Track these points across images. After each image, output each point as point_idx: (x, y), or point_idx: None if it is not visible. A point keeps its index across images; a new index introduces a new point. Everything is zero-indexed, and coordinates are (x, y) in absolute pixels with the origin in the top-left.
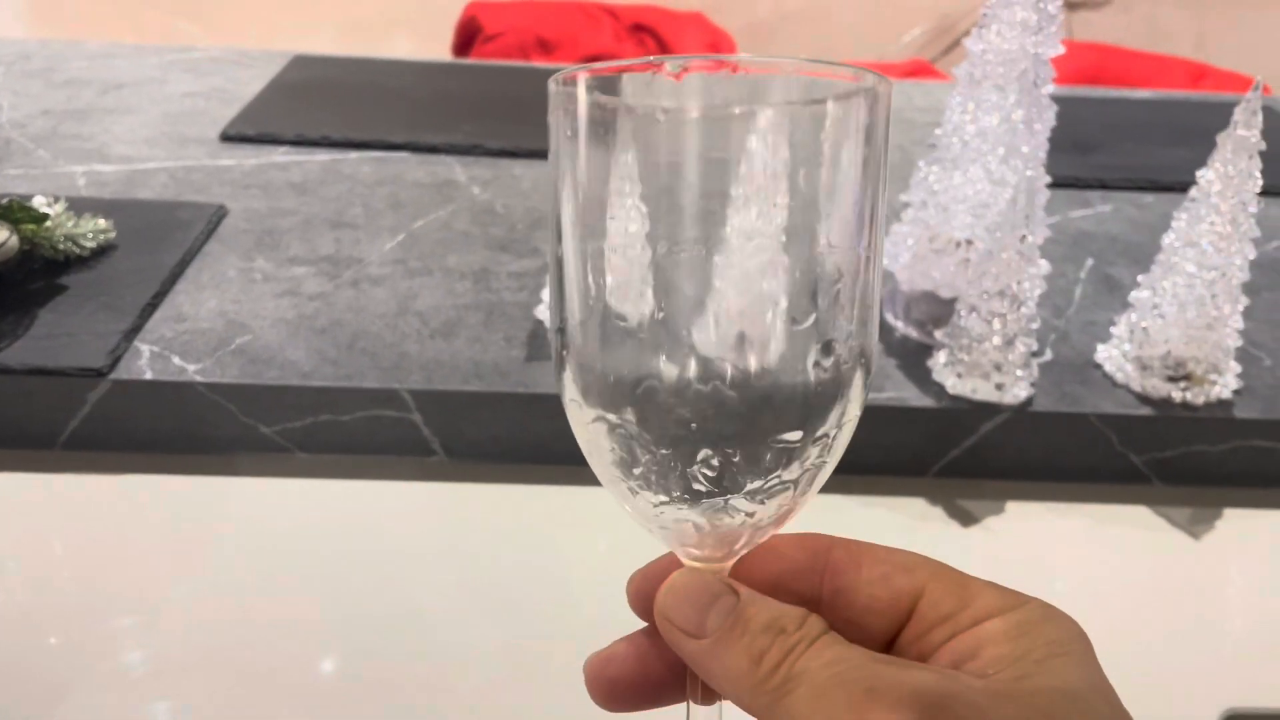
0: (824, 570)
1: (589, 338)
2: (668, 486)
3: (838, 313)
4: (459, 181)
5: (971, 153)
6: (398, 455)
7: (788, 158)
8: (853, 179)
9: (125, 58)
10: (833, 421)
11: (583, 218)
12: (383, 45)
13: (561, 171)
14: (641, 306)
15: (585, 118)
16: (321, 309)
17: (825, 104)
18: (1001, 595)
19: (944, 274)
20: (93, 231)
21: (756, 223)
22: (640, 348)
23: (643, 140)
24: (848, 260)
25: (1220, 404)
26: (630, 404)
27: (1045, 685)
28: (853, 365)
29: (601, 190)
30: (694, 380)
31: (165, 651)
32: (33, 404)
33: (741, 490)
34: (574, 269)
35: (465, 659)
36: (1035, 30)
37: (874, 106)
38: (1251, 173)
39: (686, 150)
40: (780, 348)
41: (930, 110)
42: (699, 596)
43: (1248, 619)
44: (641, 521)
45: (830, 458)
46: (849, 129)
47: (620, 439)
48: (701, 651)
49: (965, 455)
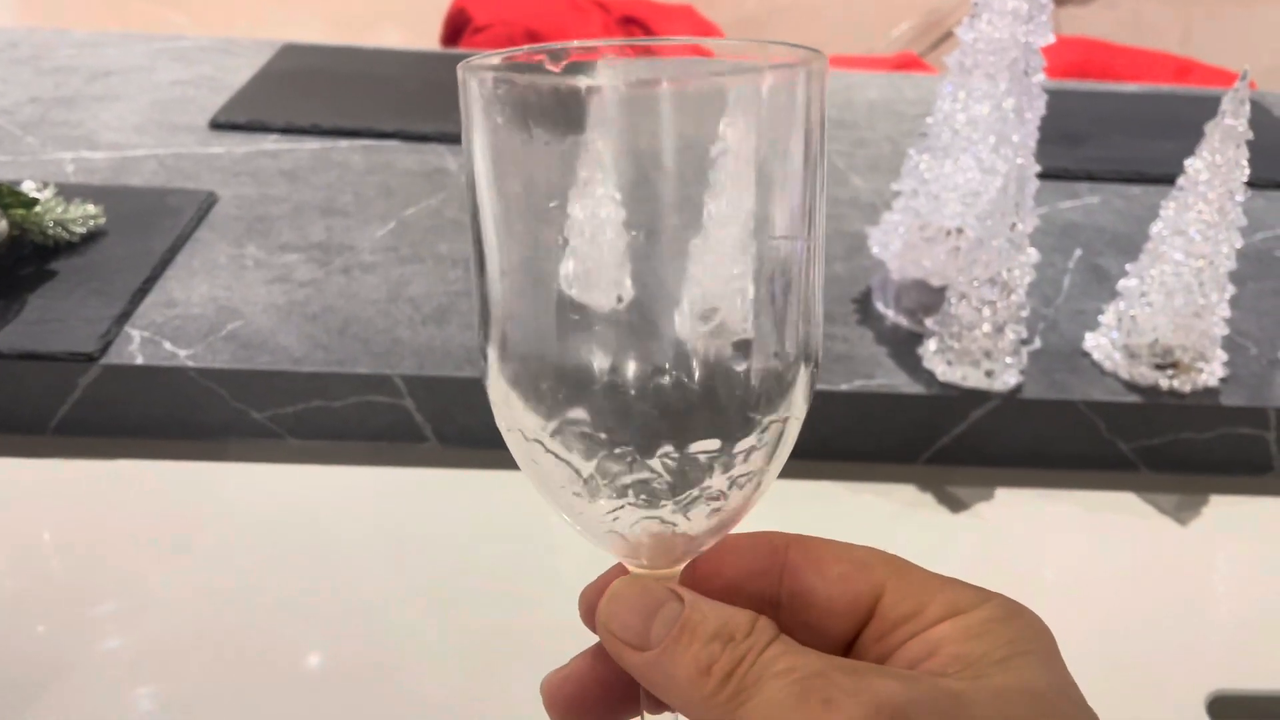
0: (781, 571)
1: (531, 335)
2: (613, 490)
3: (786, 305)
4: (449, 170)
5: (962, 141)
6: (390, 441)
7: (725, 143)
8: (796, 166)
9: (113, 46)
10: (782, 410)
11: (520, 209)
12: (370, 37)
13: (485, 161)
14: (597, 296)
15: (509, 103)
16: (313, 295)
17: (761, 78)
18: (962, 593)
19: (934, 262)
20: (83, 217)
21: (702, 211)
22: (590, 341)
23: (594, 122)
24: (791, 251)
25: (1207, 392)
26: (574, 404)
27: (1006, 686)
28: (798, 355)
29: (545, 179)
30: (635, 376)
31: (156, 637)
32: (23, 389)
33: (689, 490)
34: (512, 261)
35: (456, 645)
36: (1026, 19)
37: (810, 83)
38: (1239, 162)
39: (626, 136)
40: (734, 334)
41: (919, 103)
42: (642, 605)
43: (1233, 603)
44: (585, 531)
45: (780, 450)
46: (790, 108)
47: (564, 441)
48: (647, 664)
49: (955, 442)
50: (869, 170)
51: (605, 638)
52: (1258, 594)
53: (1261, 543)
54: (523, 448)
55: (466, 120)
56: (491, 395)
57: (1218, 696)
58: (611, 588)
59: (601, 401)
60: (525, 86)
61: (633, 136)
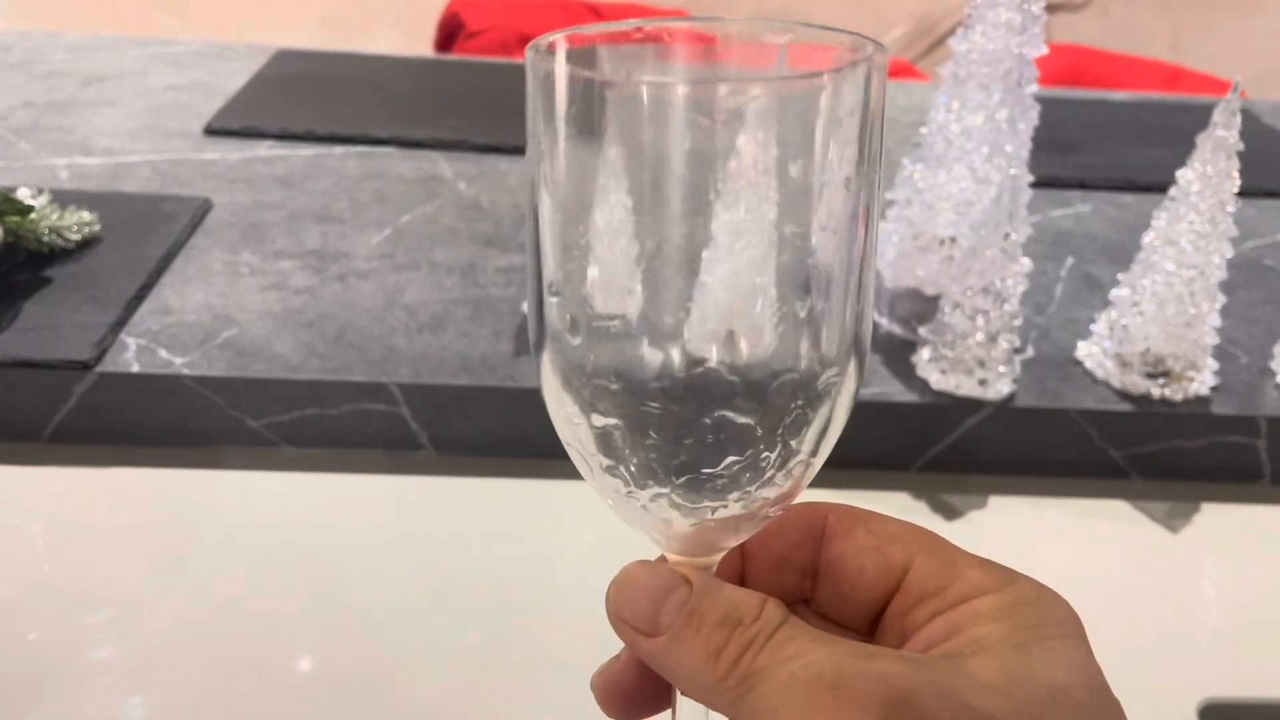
0: (820, 539)
1: (573, 331)
2: (660, 480)
3: (830, 301)
4: (445, 177)
5: (956, 151)
6: (385, 449)
7: (777, 146)
8: (849, 161)
9: (106, 50)
10: (828, 405)
11: (564, 207)
12: (363, 42)
13: (541, 156)
14: (628, 300)
15: (565, 97)
16: (309, 303)
17: (821, 81)
18: (990, 573)
19: (928, 271)
20: (77, 224)
21: (744, 214)
22: (628, 340)
23: (628, 125)
24: (839, 250)
25: (1198, 400)
26: (619, 396)
27: (1020, 672)
28: (846, 351)
29: (584, 179)
30: (683, 369)
31: (149, 645)
32: (18, 396)
33: (734, 488)
34: (555, 259)
35: (451, 652)
36: (1019, 31)
37: (870, 79)
38: (1230, 173)
39: (672, 139)
40: (773, 335)
41: (913, 110)
42: (651, 591)
43: (1224, 611)
44: (630, 520)
45: (825, 442)
46: (844, 107)
47: (605, 433)
48: (658, 650)
49: (948, 450)
50: None
51: (616, 625)
52: (1249, 601)
53: (1252, 550)
54: (575, 445)
55: (535, 124)
56: (545, 395)
57: (1209, 704)
58: (620, 574)
59: (648, 402)
60: (610, 86)
61: (686, 141)
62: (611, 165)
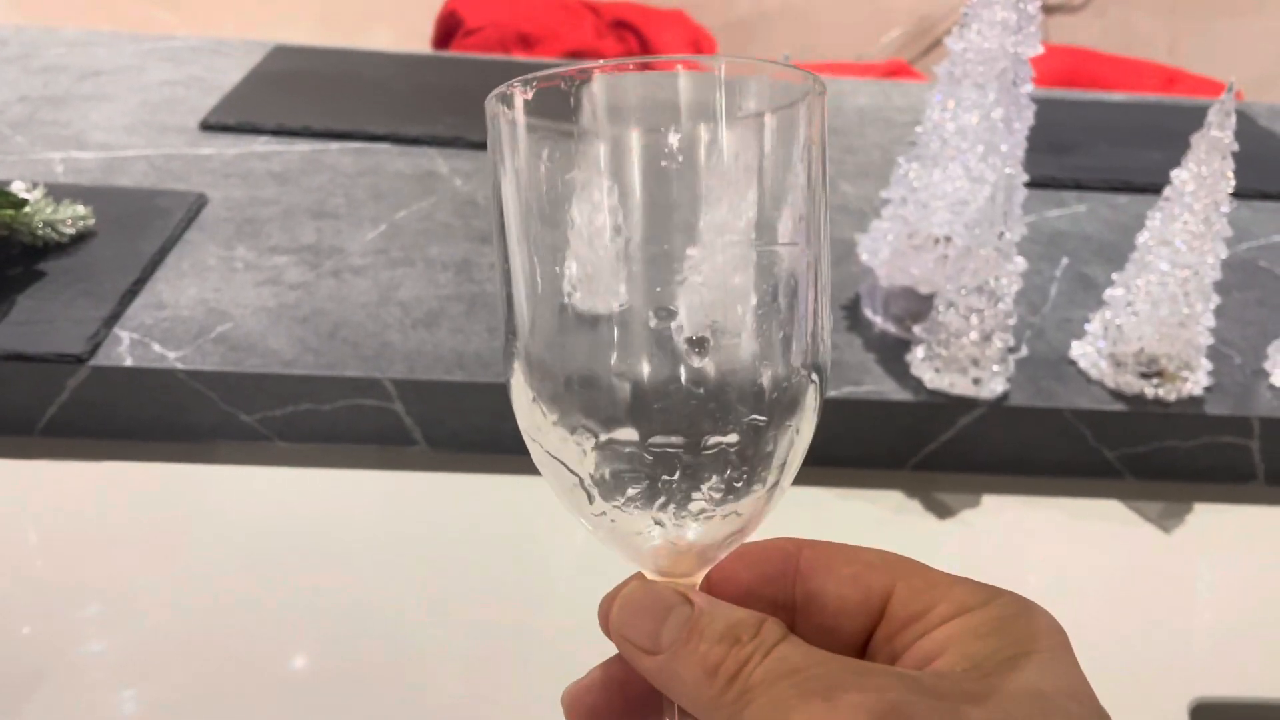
0: (795, 575)
1: (549, 340)
2: (631, 493)
3: (793, 315)
4: (440, 173)
5: (951, 150)
6: (379, 445)
7: (744, 164)
8: (800, 183)
9: (103, 45)
10: (793, 420)
11: (533, 218)
12: (361, 38)
13: (508, 178)
14: (610, 303)
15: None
16: (303, 298)
17: (768, 114)
18: (971, 591)
19: (923, 270)
20: (72, 218)
21: (715, 226)
22: (603, 349)
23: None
24: (794, 261)
25: (1191, 400)
26: (593, 404)
27: (1010, 686)
28: (805, 364)
29: (559, 197)
30: (656, 379)
31: (141, 640)
32: (11, 390)
33: (702, 499)
34: (525, 270)
35: (444, 649)
36: (1015, 30)
37: (813, 109)
38: (1224, 173)
39: (639, 165)
40: (744, 343)
41: (909, 110)
42: (653, 609)
43: (1216, 611)
44: (604, 539)
45: (794, 455)
46: (795, 134)
47: (579, 445)
48: (659, 667)
49: (942, 449)
50: (858, 177)
51: (618, 642)
52: (1241, 601)
53: (1244, 551)
54: (541, 454)
55: (496, 145)
56: (514, 401)
57: (1201, 704)
58: (624, 592)
59: (615, 409)
60: (549, 129)
61: (644, 156)
62: (566, 178)
